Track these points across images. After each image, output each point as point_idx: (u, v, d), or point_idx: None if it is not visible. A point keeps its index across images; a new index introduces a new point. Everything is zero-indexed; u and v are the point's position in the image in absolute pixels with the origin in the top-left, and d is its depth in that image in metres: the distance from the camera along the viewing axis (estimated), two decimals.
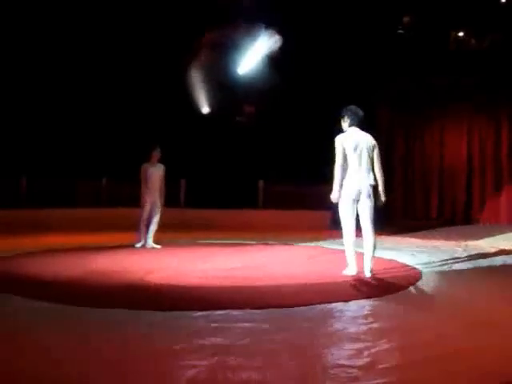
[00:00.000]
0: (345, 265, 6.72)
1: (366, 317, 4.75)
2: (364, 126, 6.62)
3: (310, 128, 14.23)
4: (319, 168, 13.76)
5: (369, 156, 6.39)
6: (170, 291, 5.51)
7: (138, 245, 8.92)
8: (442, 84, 14.53)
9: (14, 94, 13.71)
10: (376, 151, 6.49)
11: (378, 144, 6.62)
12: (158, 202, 8.97)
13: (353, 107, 6.64)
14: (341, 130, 6.59)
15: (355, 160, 6.29)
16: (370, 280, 6.19)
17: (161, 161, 9.06)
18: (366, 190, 6.35)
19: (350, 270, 6.39)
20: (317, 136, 14.64)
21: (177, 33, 13.28)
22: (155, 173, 8.91)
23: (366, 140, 6.46)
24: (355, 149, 6.30)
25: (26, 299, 5.14)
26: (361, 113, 6.58)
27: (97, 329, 4.24)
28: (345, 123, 6.59)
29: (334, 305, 5.06)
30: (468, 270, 7.33)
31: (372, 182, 6.41)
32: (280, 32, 13.14)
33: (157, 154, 8.98)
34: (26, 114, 14.02)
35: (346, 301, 5.19)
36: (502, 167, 14.60)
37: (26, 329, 4.22)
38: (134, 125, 14.82)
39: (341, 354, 3.70)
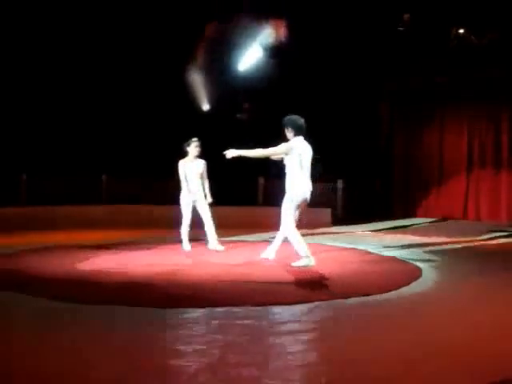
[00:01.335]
0: (344, 262, 6.77)
1: (365, 314, 4.75)
2: (306, 133, 6.85)
3: (310, 125, 14.21)
4: (316, 166, 13.78)
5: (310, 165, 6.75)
6: (170, 288, 5.51)
7: (187, 248, 8.11)
8: (443, 81, 14.50)
9: (14, 92, 13.70)
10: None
11: (379, 142, 6.74)
12: (202, 200, 8.15)
13: (294, 117, 6.82)
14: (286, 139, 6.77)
15: (303, 170, 6.64)
16: (369, 277, 6.22)
17: (201, 156, 8.21)
18: (309, 198, 6.72)
19: (309, 261, 6.58)
20: (316, 133, 14.64)
21: (176, 29, 13.24)
22: (194, 169, 8.09)
23: (310, 151, 6.75)
24: (302, 160, 6.63)
25: (25, 296, 5.15)
26: (303, 122, 6.79)
27: (96, 327, 4.24)
28: (289, 133, 6.76)
29: (333, 302, 5.07)
30: (467, 267, 7.34)
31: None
32: (281, 27, 13.10)
33: (195, 148, 8.12)
34: (25, 112, 14.01)
35: (346, 298, 5.20)
36: (502, 164, 14.59)
37: (24, 327, 4.23)
38: (133, 122, 14.81)
39: (340, 352, 3.72)
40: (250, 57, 14.12)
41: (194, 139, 8.19)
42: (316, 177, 7.42)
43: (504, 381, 3.22)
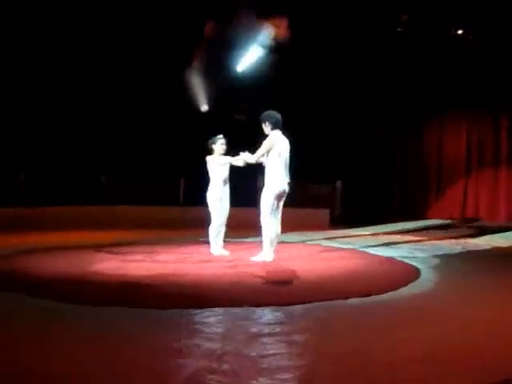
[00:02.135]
0: (342, 262, 6.78)
1: (364, 314, 4.77)
2: (283, 127, 6.99)
3: (307, 126, 14.24)
4: (316, 167, 13.82)
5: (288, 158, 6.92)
6: (169, 289, 5.52)
7: (216, 252, 7.76)
8: (442, 83, 14.53)
9: (14, 92, 13.69)
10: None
11: (378, 144, 6.83)
12: (227, 201, 7.81)
13: (271, 112, 7.01)
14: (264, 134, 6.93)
15: (282, 163, 6.81)
16: (367, 278, 6.25)
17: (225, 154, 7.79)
18: (287, 191, 6.92)
19: (269, 256, 6.92)
20: (314, 133, 14.67)
21: (176, 29, 13.24)
22: (220, 167, 7.70)
23: (288, 145, 6.93)
24: (281, 153, 6.81)
25: (25, 297, 5.15)
26: (279, 116, 6.97)
27: (95, 327, 4.25)
28: (267, 128, 6.96)
29: (333, 302, 5.08)
30: (466, 267, 7.36)
31: None
32: (281, 26, 13.09)
33: (221, 146, 7.73)
34: (25, 112, 14.00)
35: (345, 298, 5.21)
36: (501, 165, 14.63)
37: (24, 327, 4.23)
38: (132, 122, 14.80)
39: (339, 352, 3.73)
40: (249, 57, 14.12)
41: (220, 136, 7.83)
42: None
43: (506, 381, 3.23)
